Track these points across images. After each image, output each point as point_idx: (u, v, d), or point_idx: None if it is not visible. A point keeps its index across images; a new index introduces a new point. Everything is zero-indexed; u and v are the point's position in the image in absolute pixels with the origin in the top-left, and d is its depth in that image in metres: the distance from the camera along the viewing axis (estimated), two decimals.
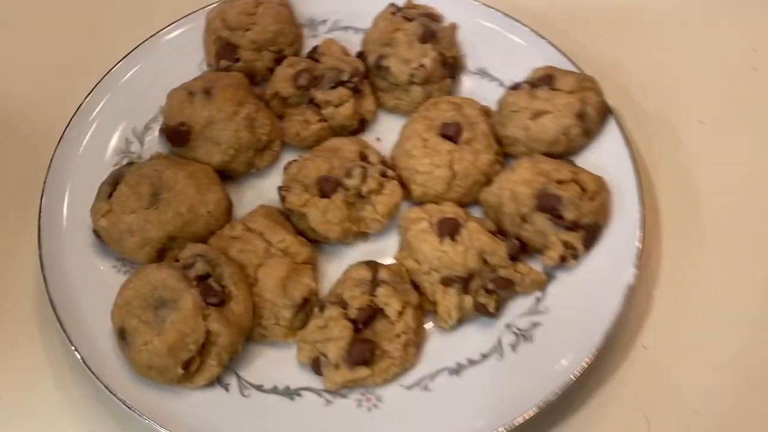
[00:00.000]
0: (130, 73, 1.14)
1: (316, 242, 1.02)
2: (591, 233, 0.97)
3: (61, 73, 1.25)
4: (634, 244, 0.96)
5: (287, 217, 1.03)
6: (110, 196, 0.97)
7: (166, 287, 0.86)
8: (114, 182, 0.97)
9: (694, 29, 1.33)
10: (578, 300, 0.95)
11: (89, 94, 1.10)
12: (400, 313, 0.90)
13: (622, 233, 0.99)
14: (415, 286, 0.97)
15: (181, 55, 1.18)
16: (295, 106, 1.13)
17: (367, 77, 1.15)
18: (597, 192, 0.99)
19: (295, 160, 1.07)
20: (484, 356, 0.92)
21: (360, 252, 1.03)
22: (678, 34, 1.32)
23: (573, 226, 0.96)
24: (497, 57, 1.19)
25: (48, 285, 0.93)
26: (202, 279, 0.88)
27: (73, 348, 0.89)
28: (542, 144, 1.05)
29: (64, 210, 1.01)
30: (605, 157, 1.07)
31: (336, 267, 1.02)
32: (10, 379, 0.95)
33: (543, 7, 1.32)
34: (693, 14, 1.35)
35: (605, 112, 1.09)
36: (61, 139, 1.05)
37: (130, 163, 1.03)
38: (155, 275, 0.87)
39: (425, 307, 0.96)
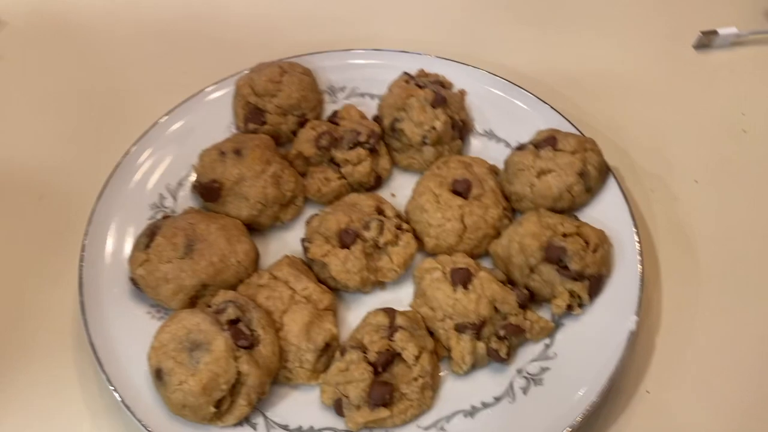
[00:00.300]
0: (164, 134, 1.24)
1: (336, 290, 1.09)
2: (595, 283, 1.04)
3: (101, 133, 1.35)
4: (635, 293, 1.03)
5: (310, 266, 1.10)
6: (147, 246, 1.04)
7: (200, 330, 0.92)
8: (151, 234, 1.05)
9: (686, 94, 1.43)
10: (584, 346, 1.01)
11: (127, 153, 1.20)
12: (417, 358, 0.96)
13: (623, 283, 1.05)
14: (430, 333, 1.03)
15: (211, 118, 1.28)
16: (316, 165, 1.22)
17: (383, 138, 1.25)
18: (599, 244, 1.06)
19: (316, 214, 1.15)
20: (497, 399, 0.97)
21: (377, 300, 1.10)
22: (671, 99, 1.42)
23: (578, 277, 1.03)
24: (503, 120, 1.29)
25: (88, 329, 0.99)
26: (233, 323, 0.95)
27: (112, 388, 0.94)
28: (547, 200, 1.13)
29: (104, 260, 1.08)
30: (606, 212, 1.15)
31: (355, 314, 1.08)
32: (50, 419, 1.00)
33: (545, 75, 1.43)
34: (685, 81, 1.46)
35: (605, 170, 1.17)
36: (101, 194, 1.14)
37: (166, 217, 1.11)
38: (190, 319, 0.94)
39: (440, 353, 1.02)
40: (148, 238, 1.05)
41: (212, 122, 1.28)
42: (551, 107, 1.27)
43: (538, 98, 1.29)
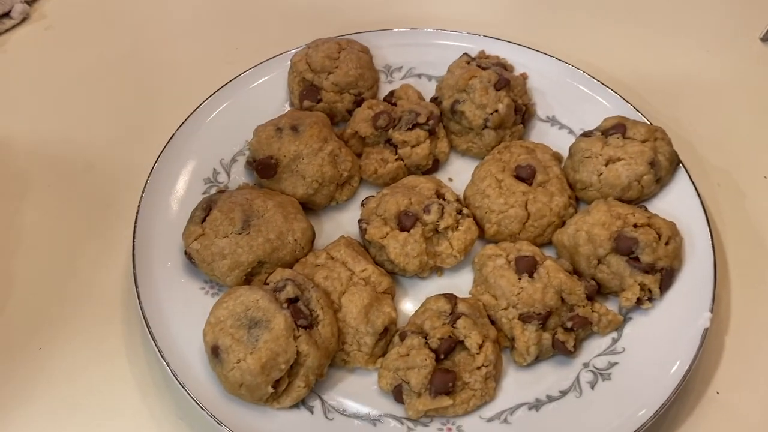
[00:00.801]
0: (219, 109, 1.21)
1: (392, 274, 1.06)
2: (666, 276, 0.99)
3: (152, 106, 1.32)
4: (709, 289, 0.98)
5: (366, 248, 1.07)
6: (203, 220, 1.01)
7: (259, 308, 0.89)
8: (207, 208, 1.02)
9: (754, 87, 1.37)
10: (654, 342, 0.96)
11: (180, 126, 1.17)
12: (480, 346, 0.92)
13: (695, 278, 1.01)
14: (492, 321, 0.99)
15: (266, 94, 1.25)
16: (372, 146, 1.18)
17: (441, 121, 1.21)
18: (671, 236, 1.01)
19: (372, 196, 1.12)
20: (563, 393, 0.93)
21: (434, 286, 1.06)
22: (738, 92, 1.36)
23: (649, 269, 0.98)
24: (566, 106, 1.24)
25: (141, 302, 0.97)
26: (292, 302, 0.92)
27: (165, 363, 0.91)
28: (615, 189, 1.08)
29: (157, 232, 1.05)
30: (674, 204, 1.10)
31: (411, 299, 1.05)
32: (97, 393, 0.97)
33: (605, 63, 1.38)
34: (752, 73, 1.40)
35: (675, 161, 1.12)
36: (153, 168, 1.11)
37: (221, 191, 1.07)
38: (248, 296, 0.91)
39: (501, 343, 0.98)
40: (204, 211, 1.02)
41: (266, 98, 1.24)
42: (617, 93, 1.23)
43: (603, 84, 1.24)
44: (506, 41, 1.30)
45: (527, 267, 0.98)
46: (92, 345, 1.01)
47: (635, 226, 1.00)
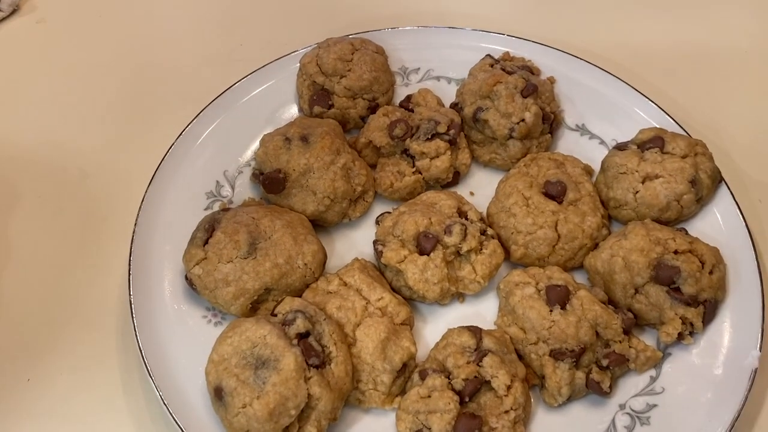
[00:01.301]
0: (223, 115, 1.11)
1: (410, 300, 0.98)
2: (710, 309, 0.91)
3: (150, 110, 1.23)
4: (757, 324, 0.90)
5: (382, 272, 0.99)
6: (206, 242, 0.93)
7: (267, 345, 0.81)
8: (210, 228, 0.94)
9: None
10: (696, 382, 0.88)
11: (180, 134, 1.08)
12: (509, 387, 0.84)
13: (740, 310, 0.93)
14: (519, 356, 0.91)
15: (273, 99, 1.16)
16: (388, 157, 1.10)
17: (462, 129, 1.12)
18: (715, 265, 0.93)
19: (388, 213, 1.03)
20: None
21: (456, 313, 0.98)
22: None
23: (691, 301, 0.90)
24: (597, 114, 1.15)
25: (137, 333, 0.89)
26: (302, 337, 0.84)
27: (164, 404, 0.84)
28: (652, 209, 1.00)
29: (155, 255, 0.97)
30: (716, 226, 1.02)
31: (431, 327, 0.97)
32: (88, 430, 0.90)
33: (636, 63, 1.28)
34: None
35: (717, 178, 1.03)
36: (152, 180, 1.02)
37: (225, 209, 0.99)
38: (255, 331, 0.83)
39: (530, 380, 0.90)
40: (207, 233, 0.94)
41: (274, 103, 1.15)
42: (652, 102, 1.14)
43: (638, 91, 1.15)
44: (532, 41, 1.21)
45: (559, 298, 0.90)
46: (85, 376, 0.94)
47: (676, 252, 0.92)
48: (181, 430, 0.82)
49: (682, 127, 1.10)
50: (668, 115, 1.12)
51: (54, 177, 1.13)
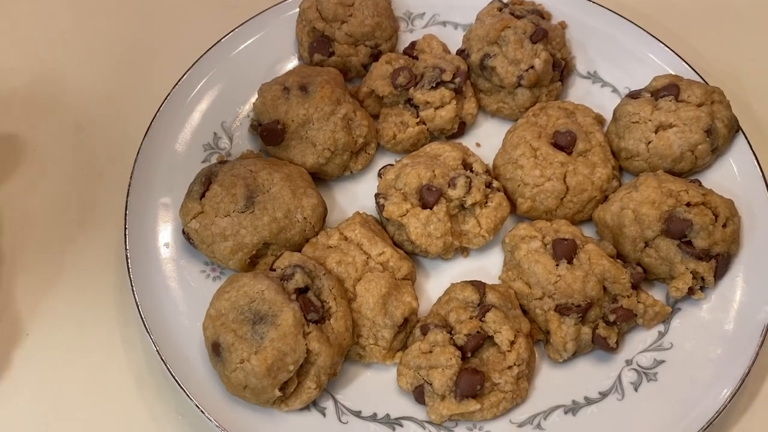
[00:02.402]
0: (219, 64, 1.07)
1: (412, 255, 0.95)
2: (723, 263, 0.88)
3: (146, 60, 1.19)
4: None
5: (384, 226, 0.96)
6: (202, 196, 0.90)
7: (265, 300, 0.79)
8: (206, 181, 0.91)
9: None
10: (706, 337, 0.86)
11: (175, 85, 1.04)
12: (512, 343, 0.82)
13: (753, 264, 0.90)
14: (524, 311, 0.89)
15: (272, 46, 1.11)
16: (391, 107, 1.06)
17: (469, 77, 1.07)
18: (729, 218, 0.89)
19: (390, 165, 1.00)
20: (603, 395, 0.84)
21: (459, 268, 0.96)
22: None
23: (703, 255, 0.87)
24: (609, 60, 1.10)
25: (134, 288, 0.88)
26: (301, 292, 0.82)
27: (162, 360, 0.83)
28: (665, 160, 0.96)
29: (151, 208, 0.95)
30: (732, 177, 0.98)
31: (433, 282, 0.95)
32: (87, 384, 0.89)
33: (652, 7, 1.22)
34: None
35: (734, 127, 0.99)
36: (147, 132, 0.99)
37: (222, 162, 0.96)
38: (253, 286, 0.81)
39: (534, 335, 0.88)
40: (203, 186, 0.91)
41: (272, 50, 1.11)
42: (668, 47, 1.08)
43: (653, 36, 1.09)
44: None
45: (566, 252, 0.87)
46: (83, 330, 0.93)
47: (688, 204, 0.89)
48: (179, 385, 0.81)
49: (699, 74, 1.05)
50: (684, 61, 1.06)
51: (49, 131, 1.10)
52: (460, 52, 1.09)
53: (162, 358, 0.83)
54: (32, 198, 1.04)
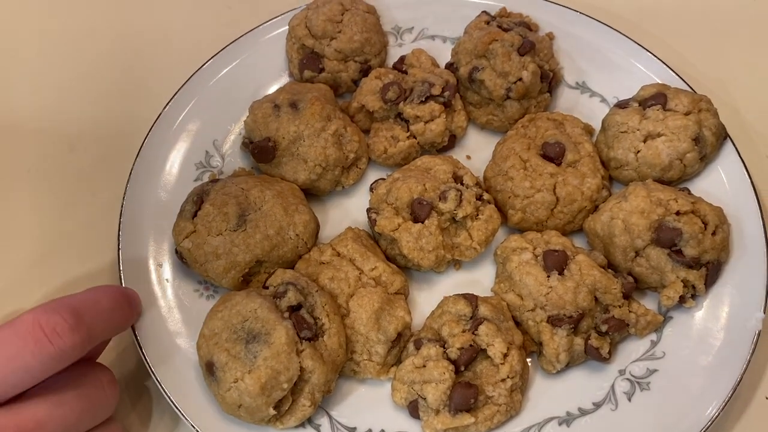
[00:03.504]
0: (211, 82, 1.08)
1: (405, 268, 0.96)
2: (713, 271, 0.89)
3: (137, 79, 1.20)
4: (761, 285, 0.88)
5: (376, 240, 0.97)
6: (194, 215, 0.91)
7: (258, 318, 0.80)
8: (198, 200, 0.92)
9: None
10: (698, 346, 0.86)
11: (167, 104, 1.05)
12: (505, 355, 0.82)
13: (745, 272, 0.90)
14: (516, 323, 0.89)
15: (261, 64, 1.12)
16: (381, 121, 1.06)
17: (458, 91, 1.08)
18: (718, 225, 0.90)
19: (382, 179, 1.00)
20: (597, 405, 0.84)
21: (451, 281, 0.96)
22: None
23: (693, 264, 0.88)
24: (597, 70, 1.11)
25: None
26: (294, 310, 0.82)
27: (157, 380, 0.83)
28: (654, 169, 0.97)
29: (144, 228, 0.95)
30: (720, 184, 0.98)
31: (426, 295, 0.95)
32: None
33: (639, 15, 1.23)
34: None
35: (722, 135, 1.00)
36: (139, 152, 1.00)
37: (214, 180, 0.97)
38: (245, 305, 0.81)
39: (527, 347, 0.88)
40: (195, 205, 0.92)
41: (263, 68, 1.12)
42: (655, 56, 1.09)
43: (639, 44, 1.10)
44: None
45: (557, 263, 0.88)
46: None
47: (678, 213, 0.89)
48: (174, 405, 0.81)
49: (686, 82, 1.06)
50: (672, 69, 1.07)
51: (42, 151, 1.11)
52: (449, 66, 1.10)
53: (156, 378, 0.83)
54: (24, 218, 1.05)
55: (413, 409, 0.82)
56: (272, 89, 1.08)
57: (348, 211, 1.02)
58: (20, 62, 1.23)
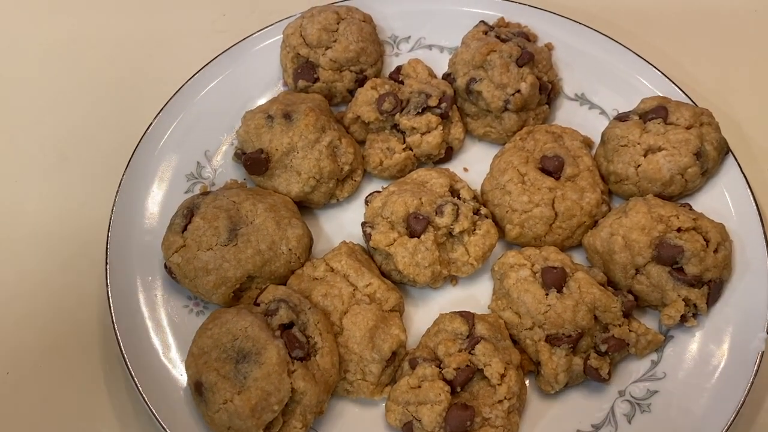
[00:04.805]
0: (203, 91, 1.06)
1: (400, 284, 0.94)
2: (714, 290, 0.87)
3: (128, 87, 1.18)
4: (764, 305, 0.86)
5: (371, 255, 0.95)
6: (184, 229, 0.89)
7: (248, 337, 0.78)
8: (188, 214, 0.90)
9: None
10: (700, 365, 0.85)
11: (158, 113, 1.03)
12: (502, 376, 0.80)
13: (746, 290, 0.88)
14: (514, 341, 0.87)
15: (256, 72, 1.10)
16: (377, 132, 1.04)
17: (455, 102, 1.06)
18: (720, 243, 0.88)
19: (377, 192, 0.98)
20: (596, 428, 0.82)
21: (448, 297, 0.94)
22: None
23: (695, 282, 0.86)
24: (597, 82, 1.09)
25: (115, 325, 0.86)
26: (286, 328, 0.80)
27: (144, 400, 0.81)
28: (655, 184, 0.95)
29: (133, 241, 0.93)
30: (722, 200, 0.96)
31: (421, 312, 0.93)
32: (73, 424, 0.87)
33: (639, 26, 1.22)
34: None
35: (724, 149, 0.98)
36: (129, 162, 0.98)
37: (205, 193, 0.94)
38: (236, 323, 0.79)
39: (526, 367, 0.86)
40: (185, 219, 0.89)
41: (255, 78, 1.09)
42: (656, 68, 1.07)
43: (639, 56, 1.08)
44: (528, 5, 1.14)
45: (555, 280, 0.85)
46: (65, 368, 0.91)
47: (679, 230, 0.87)
48: (161, 426, 0.79)
49: (687, 95, 1.04)
50: (673, 82, 1.05)
51: (32, 161, 1.09)
52: (446, 77, 1.08)
53: (144, 398, 0.81)
54: (13, 228, 1.02)
55: (408, 431, 0.80)
56: (266, 99, 1.06)
57: (342, 224, 1.00)
58: (10, 72, 1.20)
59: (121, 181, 0.96)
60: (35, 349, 0.92)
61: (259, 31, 1.11)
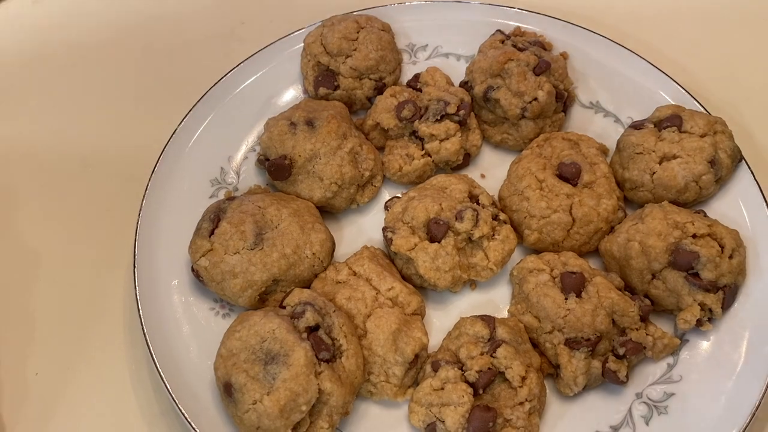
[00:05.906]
0: (227, 98, 1.08)
1: (420, 288, 0.96)
2: (729, 295, 0.89)
3: (151, 95, 1.20)
4: None
5: (392, 259, 0.97)
6: (211, 233, 0.91)
7: (276, 339, 0.80)
8: (215, 218, 0.92)
9: None
10: (715, 368, 0.86)
11: (182, 120, 1.05)
12: (524, 378, 0.82)
13: (760, 294, 0.90)
14: (533, 344, 0.89)
15: (278, 80, 1.12)
16: (396, 139, 1.06)
17: (473, 109, 1.08)
18: (735, 249, 0.90)
19: (397, 197, 1.00)
20: (614, 429, 0.84)
21: (468, 301, 0.96)
22: None
23: (710, 287, 0.88)
24: (611, 90, 1.11)
25: (144, 327, 0.88)
26: (312, 330, 0.82)
27: (173, 400, 0.83)
28: (670, 191, 0.97)
29: (160, 245, 0.95)
30: (736, 206, 0.98)
31: (441, 315, 0.95)
32: (100, 425, 0.89)
33: (653, 35, 1.24)
34: None
35: (737, 157, 1.00)
36: (155, 168, 1.00)
37: (230, 198, 0.97)
38: (264, 325, 0.81)
39: (545, 370, 0.88)
40: (212, 223, 0.91)
41: (277, 85, 1.12)
42: (670, 77, 1.09)
43: (653, 65, 1.10)
44: (544, 15, 1.16)
45: (575, 285, 0.87)
46: (93, 369, 0.93)
47: (695, 236, 0.89)
48: (190, 425, 0.81)
49: (701, 104, 1.06)
50: (686, 91, 1.07)
51: (55, 167, 1.11)
52: (464, 84, 1.10)
53: (173, 398, 0.83)
54: (39, 235, 1.04)
55: None
56: (286, 106, 1.08)
57: (363, 229, 1.02)
58: (33, 79, 1.23)
59: (147, 185, 0.98)
60: (64, 351, 0.94)
61: (280, 39, 1.14)
